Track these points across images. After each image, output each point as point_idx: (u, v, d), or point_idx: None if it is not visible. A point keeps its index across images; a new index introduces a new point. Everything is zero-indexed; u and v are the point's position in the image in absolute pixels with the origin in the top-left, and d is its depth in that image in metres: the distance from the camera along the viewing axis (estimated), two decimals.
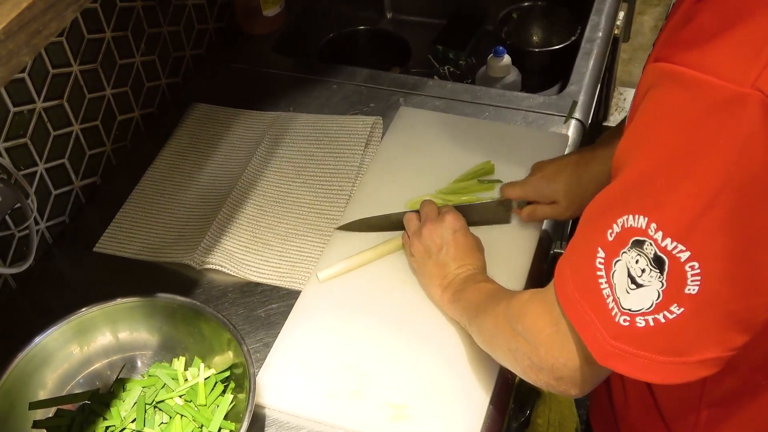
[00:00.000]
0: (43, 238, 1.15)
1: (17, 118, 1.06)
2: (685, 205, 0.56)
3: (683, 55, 0.56)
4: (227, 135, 1.32)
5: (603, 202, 0.64)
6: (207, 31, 1.49)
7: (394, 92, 1.37)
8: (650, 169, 0.58)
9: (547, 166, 1.06)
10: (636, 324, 0.61)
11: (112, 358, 0.97)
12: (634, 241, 0.60)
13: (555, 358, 0.70)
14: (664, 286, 0.59)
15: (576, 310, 0.66)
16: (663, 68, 0.57)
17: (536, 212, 1.07)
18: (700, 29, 0.56)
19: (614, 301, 0.62)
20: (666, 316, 0.60)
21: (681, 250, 0.57)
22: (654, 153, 0.58)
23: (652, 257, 0.59)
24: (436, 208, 1.04)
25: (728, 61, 0.53)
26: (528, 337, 0.73)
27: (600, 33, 1.46)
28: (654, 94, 0.58)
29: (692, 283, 0.58)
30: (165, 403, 0.93)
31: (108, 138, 1.26)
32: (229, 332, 0.91)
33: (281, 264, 1.11)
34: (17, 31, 0.51)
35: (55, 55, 1.11)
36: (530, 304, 0.74)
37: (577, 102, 1.30)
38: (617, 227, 0.61)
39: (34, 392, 0.92)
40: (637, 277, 0.60)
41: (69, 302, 0.96)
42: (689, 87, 0.55)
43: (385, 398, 0.93)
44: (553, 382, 0.72)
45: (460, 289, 0.93)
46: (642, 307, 0.61)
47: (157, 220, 1.19)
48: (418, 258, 1.01)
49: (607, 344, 0.63)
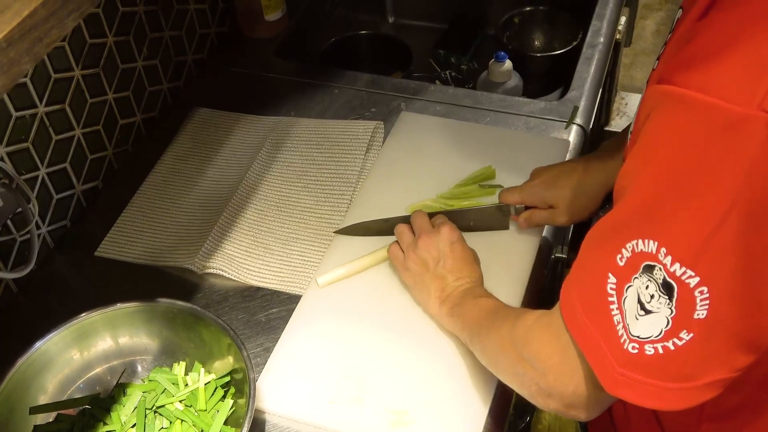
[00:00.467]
0: (45, 242, 1.16)
1: (19, 123, 1.06)
2: (693, 230, 0.55)
3: (686, 77, 0.55)
4: (229, 139, 1.32)
5: (609, 225, 0.63)
6: (209, 36, 1.50)
7: (396, 97, 1.37)
8: (657, 192, 0.58)
9: (546, 172, 1.06)
10: (645, 352, 0.60)
11: (112, 362, 0.97)
12: (645, 266, 0.59)
13: (565, 386, 0.69)
14: (674, 312, 0.58)
15: (585, 337, 0.65)
16: (665, 90, 0.56)
17: (534, 217, 1.06)
18: (702, 50, 0.56)
19: (624, 328, 0.61)
20: (675, 343, 0.59)
21: (690, 276, 0.56)
22: (660, 176, 0.57)
23: (661, 283, 0.58)
24: (428, 219, 1.03)
25: (732, 83, 0.52)
26: (535, 363, 0.71)
27: (601, 38, 1.46)
28: (657, 117, 0.57)
29: (701, 308, 0.57)
30: (165, 408, 0.93)
31: (110, 142, 1.26)
32: (230, 337, 0.91)
33: (282, 268, 1.11)
34: (18, 39, 0.51)
35: (57, 59, 1.11)
36: (536, 330, 0.73)
37: (579, 107, 1.30)
38: (627, 252, 0.60)
39: (34, 397, 0.92)
40: (647, 303, 0.59)
41: (70, 306, 0.96)
42: (693, 110, 0.54)
43: (385, 404, 0.93)
44: (562, 408, 0.71)
45: (459, 303, 0.93)
46: (651, 335, 0.60)
47: (159, 224, 1.19)
48: (413, 271, 0.99)
49: (616, 372, 0.62)
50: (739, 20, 0.55)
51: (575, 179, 1.02)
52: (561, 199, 1.03)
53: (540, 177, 1.05)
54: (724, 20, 0.56)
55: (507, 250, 1.08)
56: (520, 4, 1.61)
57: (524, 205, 1.07)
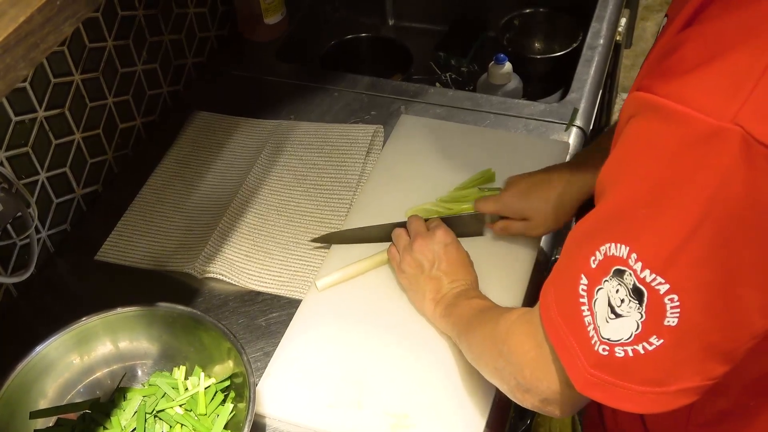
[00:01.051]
0: (45, 246, 1.16)
1: (19, 127, 1.06)
2: (664, 238, 0.56)
3: (664, 87, 0.55)
4: (229, 143, 1.32)
5: (587, 227, 0.64)
6: (208, 39, 1.50)
7: (395, 100, 1.37)
8: (631, 198, 0.58)
9: (521, 182, 1.05)
10: (615, 354, 0.61)
11: (112, 367, 0.97)
12: (615, 270, 0.59)
13: (539, 380, 0.70)
14: (643, 317, 0.59)
15: (558, 336, 0.66)
16: (644, 98, 0.57)
17: (508, 228, 1.06)
18: (682, 61, 0.56)
19: (594, 330, 0.62)
20: (645, 347, 0.59)
21: (660, 283, 0.57)
22: (635, 183, 0.58)
23: (631, 288, 0.58)
24: (424, 222, 1.04)
25: (709, 95, 0.53)
26: (511, 358, 0.73)
27: (601, 40, 1.46)
28: (635, 124, 0.58)
29: (671, 315, 0.57)
30: (165, 412, 0.93)
31: (109, 146, 1.26)
32: (229, 341, 0.91)
33: (282, 273, 1.11)
34: (14, 45, 0.51)
35: (57, 64, 1.11)
36: (516, 325, 0.74)
37: (578, 109, 1.30)
38: (600, 255, 0.60)
39: (34, 401, 0.92)
40: (617, 306, 0.60)
41: (70, 310, 0.96)
42: (669, 119, 0.54)
43: (385, 408, 0.93)
44: (538, 404, 0.72)
45: (452, 304, 0.93)
46: (621, 338, 0.60)
47: (159, 228, 1.19)
48: (409, 273, 1.00)
49: (587, 372, 0.63)
50: (720, 33, 0.55)
51: (549, 191, 1.02)
52: (535, 212, 1.03)
53: (515, 187, 1.05)
54: (705, 33, 0.56)
55: (507, 252, 1.07)
56: (520, 6, 1.61)
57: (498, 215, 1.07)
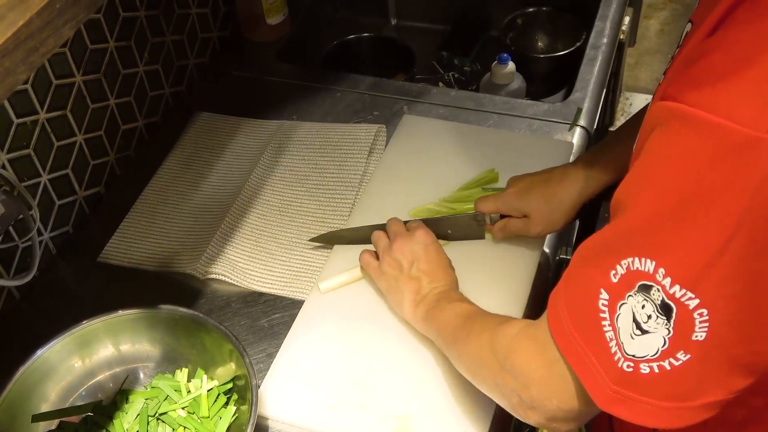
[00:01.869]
0: (47, 248, 1.15)
1: (20, 129, 1.06)
2: (695, 252, 0.54)
3: (694, 95, 0.53)
4: (231, 144, 1.32)
5: (603, 241, 0.62)
6: (210, 40, 1.50)
7: (398, 100, 1.36)
8: (657, 211, 0.56)
9: (521, 181, 1.04)
10: (640, 370, 0.60)
11: (114, 369, 0.97)
12: (641, 285, 0.58)
13: (549, 400, 0.68)
14: (671, 333, 0.57)
15: (576, 353, 0.64)
16: (671, 108, 0.55)
17: (508, 227, 1.05)
18: (711, 68, 0.54)
19: (617, 346, 0.61)
20: (672, 363, 0.58)
21: (690, 298, 0.55)
22: (662, 195, 0.56)
23: (659, 304, 0.57)
24: (404, 224, 1.03)
25: (742, 104, 0.51)
26: (518, 376, 0.71)
27: (605, 39, 1.45)
28: (661, 135, 0.56)
29: (700, 330, 0.56)
30: (168, 415, 0.92)
31: (112, 148, 1.26)
32: (231, 344, 0.91)
33: (285, 273, 1.10)
34: (13, 49, 0.51)
35: (58, 65, 1.11)
36: (520, 341, 0.72)
37: (582, 109, 1.30)
38: (621, 269, 0.59)
39: (36, 405, 0.92)
40: (643, 323, 0.58)
41: (73, 312, 0.96)
42: (700, 129, 0.53)
43: (388, 410, 0.92)
44: (543, 421, 0.70)
45: (434, 307, 0.92)
46: (647, 354, 0.59)
47: (161, 229, 1.19)
48: (389, 275, 0.99)
49: (609, 389, 0.62)
50: (752, 39, 0.53)
51: (550, 189, 1.01)
52: (535, 209, 1.02)
53: (515, 186, 1.04)
54: (735, 39, 0.54)
55: (511, 251, 1.07)
56: (523, 6, 1.60)
57: (499, 215, 1.05)
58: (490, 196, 1.07)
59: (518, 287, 1.03)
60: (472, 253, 1.07)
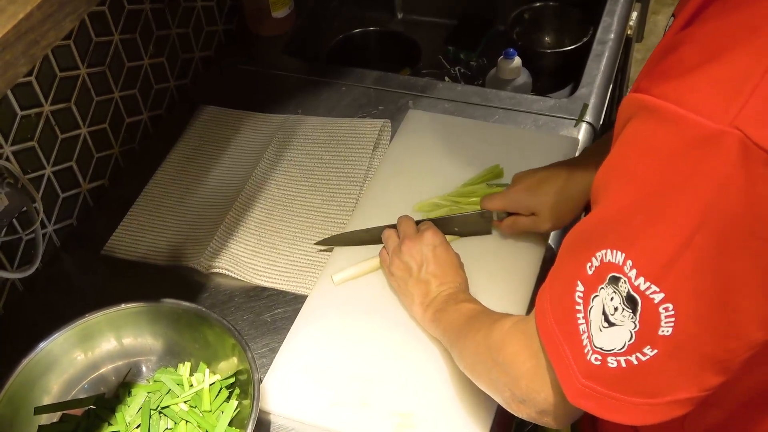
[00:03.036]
0: (51, 241, 1.15)
1: (24, 122, 1.06)
2: (660, 246, 0.54)
3: (662, 88, 0.53)
4: (235, 137, 1.31)
5: (582, 232, 0.63)
6: (216, 33, 1.49)
7: (403, 95, 1.36)
8: (627, 203, 0.57)
9: (528, 178, 1.03)
10: (608, 364, 0.60)
11: (117, 363, 0.97)
12: (611, 277, 0.58)
13: (536, 392, 0.68)
14: (637, 327, 0.57)
15: (553, 344, 0.64)
16: (641, 100, 0.55)
17: (516, 224, 1.04)
18: (680, 62, 0.54)
19: (588, 338, 0.61)
20: (639, 357, 0.58)
21: (655, 291, 0.55)
22: (631, 188, 0.56)
23: (625, 296, 0.57)
24: (414, 224, 1.02)
25: (708, 97, 0.51)
26: (508, 369, 0.71)
27: (612, 34, 1.44)
28: (632, 127, 0.56)
29: (666, 325, 0.56)
30: (170, 408, 0.92)
31: (116, 140, 1.26)
32: (234, 338, 0.91)
33: (288, 268, 1.10)
34: (14, 41, 0.50)
35: (63, 58, 1.11)
36: (511, 335, 0.72)
37: (588, 105, 1.29)
38: (596, 261, 0.59)
39: (39, 397, 0.92)
40: (610, 315, 0.58)
41: (76, 305, 0.96)
42: (667, 122, 0.53)
43: (390, 406, 0.92)
44: (534, 415, 0.70)
45: (441, 309, 0.92)
46: (614, 347, 0.59)
47: (165, 223, 1.18)
48: (398, 276, 0.99)
49: (579, 383, 0.62)
50: (719, 34, 0.54)
51: (558, 185, 1.00)
52: (543, 206, 1.01)
53: (522, 183, 1.03)
54: (704, 33, 0.55)
55: (516, 246, 1.06)
56: (530, 0, 1.59)
57: (506, 212, 1.05)
58: (496, 193, 1.06)
59: (522, 281, 1.03)
60: (477, 248, 1.06)
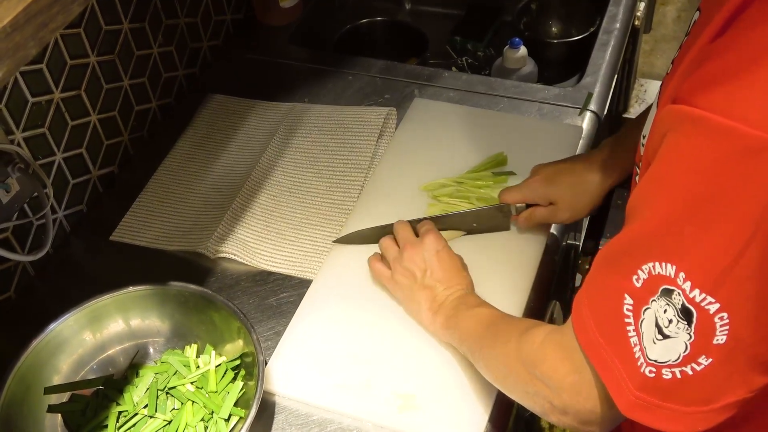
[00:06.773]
0: (61, 226, 1.17)
1: (35, 108, 1.08)
2: (714, 256, 0.54)
3: (705, 98, 0.52)
4: (243, 125, 1.33)
5: (622, 246, 0.62)
6: (224, 23, 1.51)
7: (409, 83, 1.37)
8: (675, 216, 0.56)
9: (547, 169, 1.04)
10: (662, 376, 0.60)
11: (125, 344, 0.99)
12: (664, 289, 0.57)
13: (581, 405, 0.68)
14: (692, 338, 0.57)
15: (601, 357, 0.64)
16: (682, 111, 0.54)
17: (534, 215, 1.04)
18: (724, 70, 0.53)
19: (641, 351, 0.60)
20: (693, 368, 0.58)
21: (710, 302, 0.55)
22: (678, 200, 0.56)
23: (680, 308, 0.57)
24: (411, 228, 1.02)
25: (755, 107, 0.50)
26: (549, 383, 0.70)
27: (617, 24, 1.45)
28: (673, 140, 0.55)
29: (720, 334, 0.56)
30: (177, 389, 0.94)
31: (125, 128, 1.28)
32: (239, 321, 0.93)
33: (294, 253, 1.12)
34: (24, 23, 0.52)
35: (73, 45, 1.13)
36: (547, 349, 0.72)
37: (593, 94, 1.30)
38: (643, 274, 0.58)
39: (48, 377, 0.94)
40: (664, 327, 0.58)
41: (85, 289, 0.98)
42: (713, 133, 0.52)
43: (393, 388, 0.94)
44: (577, 425, 0.70)
45: (453, 315, 0.91)
46: (668, 359, 0.59)
47: (173, 209, 1.20)
48: (402, 284, 0.98)
49: (632, 395, 0.61)
50: (765, 40, 0.52)
51: (576, 176, 1.01)
52: (562, 196, 1.01)
53: (540, 174, 1.04)
54: (748, 39, 0.53)
55: (517, 237, 1.07)
56: None
57: (525, 204, 1.05)
58: (515, 186, 1.06)
59: (524, 270, 1.04)
60: (477, 239, 1.07)
